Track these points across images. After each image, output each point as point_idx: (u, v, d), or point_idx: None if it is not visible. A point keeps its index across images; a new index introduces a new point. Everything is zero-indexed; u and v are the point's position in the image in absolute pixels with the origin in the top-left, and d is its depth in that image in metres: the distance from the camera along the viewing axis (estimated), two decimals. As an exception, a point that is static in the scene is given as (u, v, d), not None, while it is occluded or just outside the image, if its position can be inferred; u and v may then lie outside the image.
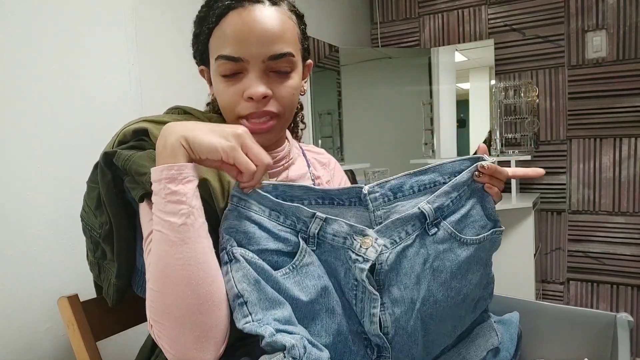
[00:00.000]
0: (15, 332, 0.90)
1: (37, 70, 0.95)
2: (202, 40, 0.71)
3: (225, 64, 0.67)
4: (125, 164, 0.63)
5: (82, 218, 0.74)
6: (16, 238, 0.91)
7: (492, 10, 2.37)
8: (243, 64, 0.67)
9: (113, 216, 0.67)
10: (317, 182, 0.86)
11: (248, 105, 0.68)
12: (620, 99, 2.12)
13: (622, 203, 2.17)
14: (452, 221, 0.66)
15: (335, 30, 2.30)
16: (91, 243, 0.74)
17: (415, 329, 0.62)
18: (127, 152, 0.65)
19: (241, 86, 0.68)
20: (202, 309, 0.54)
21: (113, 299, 0.73)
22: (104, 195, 0.67)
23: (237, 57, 0.66)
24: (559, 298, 2.35)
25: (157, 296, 0.55)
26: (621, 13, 2.09)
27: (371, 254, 0.60)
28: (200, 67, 0.76)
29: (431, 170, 0.67)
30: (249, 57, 0.66)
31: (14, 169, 0.90)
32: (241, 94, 0.67)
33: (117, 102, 1.12)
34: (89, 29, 1.06)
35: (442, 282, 0.64)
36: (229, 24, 0.67)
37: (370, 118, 2.43)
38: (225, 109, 0.70)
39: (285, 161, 0.79)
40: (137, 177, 0.62)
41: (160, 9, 1.26)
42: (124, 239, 0.69)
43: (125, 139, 0.68)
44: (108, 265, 0.72)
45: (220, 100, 0.71)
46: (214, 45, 0.69)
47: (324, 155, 0.94)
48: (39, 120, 0.95)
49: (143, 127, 0.67)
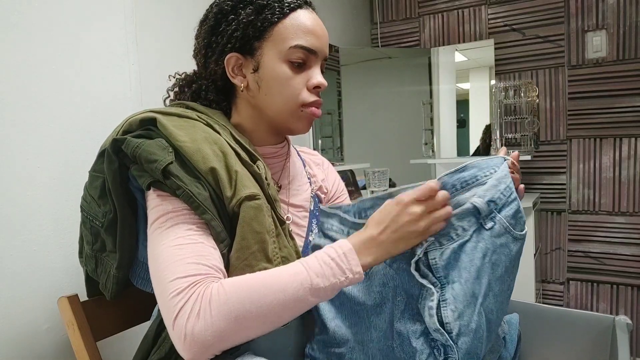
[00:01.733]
0: (15, 332, 0.90)
1: (37, 70, 0.95)
2: (260, 27, 0.73)
3: (300, 53, 0.73)
4: (135, 152, 0.64)
5: (82, 209, 0.73)
6: (16, 238, 0.91)
7: (492, 10, 2.37)
8: (313, 57, 0.74)
9: (118, 204, 0.68)
10: (313, 180, 0.89)
11: (312, 93, 0.75)
12: (620, 99, 2.12)
13: (622, 203, 2.17)
14: (506, 216, 0.66)
15: (335, 30, 2.30)
16: (90, 235, 0.74)
17: (480, 325, 0.62)
18: (136, 140, 0.66)
19: (305, 76, 0.75)
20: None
21: (112, 292, 0.74)
22: (110, 182, 0.67)
23: (313, 50, 0.74)
24: (559, 298, 2.35)
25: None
26: (621, 13, 2.09)
27: (417, 249, 0.64)
28: (232, 54, 0.75)
29: (470, 167, 0.68)
30: (320, 52, 0.75)
31: (13, 169, 0.90)
32: (304, 83, 0.74)
33: (117, 102, 1.12)
34: (89, 29, 1.06)
35: (499, 276, 0.65)
36: (305, 19, 0.74)
37: (370, 118, 2.43)
38: (289, 96, 0.74)
39: (285, 157, 0.83)
40: (146, 165, 0.64)
41: (160, 8, 1.26)
42: (128, 228, 0.69)
43: (131, 128, 0.69)
44: (107, 257, 0.73)
45: (281, 85, 0.73)
46: (284, 33, 0.72)
47: (318, 157, 0.98)
48: (38, 120, 0.95)
49: (151, 116, 0.68)
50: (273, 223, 0.69)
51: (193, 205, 0.62)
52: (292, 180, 0.83)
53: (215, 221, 0.63)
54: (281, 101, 0.74)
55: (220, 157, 0.67)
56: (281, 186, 0.81)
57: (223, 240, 0.64)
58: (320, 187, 0.90)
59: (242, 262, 0.64)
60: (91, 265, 0.76)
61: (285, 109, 0.74)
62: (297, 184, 0.84)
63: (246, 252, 0.64)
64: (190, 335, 0.54)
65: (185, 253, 0.60)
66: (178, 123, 0.69)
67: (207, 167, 0.64)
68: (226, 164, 0.66)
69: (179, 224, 0.63)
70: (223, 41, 0.75)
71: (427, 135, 2.48)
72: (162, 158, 0.63)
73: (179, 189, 0.62)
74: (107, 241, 0.71)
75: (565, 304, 2.33)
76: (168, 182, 0.63)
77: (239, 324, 0.56)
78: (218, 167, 0.64)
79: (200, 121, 0.71)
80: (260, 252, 0.65)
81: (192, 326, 0.55)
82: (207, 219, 0.63)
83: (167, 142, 0.66)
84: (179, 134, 0.66)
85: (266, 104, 0.75)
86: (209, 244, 0.63)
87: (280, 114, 0.75)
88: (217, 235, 0.64)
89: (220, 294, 0.56)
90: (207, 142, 0.67)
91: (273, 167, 0.81)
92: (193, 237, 0.62)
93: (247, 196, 0.65)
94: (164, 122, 0.67)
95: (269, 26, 0.72)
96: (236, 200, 0.64)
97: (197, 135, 0.67)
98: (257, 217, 0.65)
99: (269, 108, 0.75)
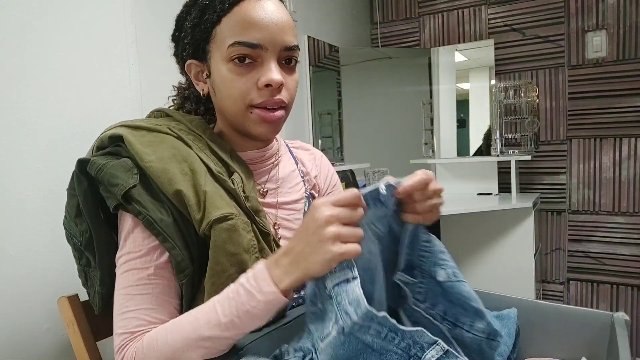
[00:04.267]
0: (15, 332, 0.90)
1: (37, 70, 0.95)
2: (204, 29, 0.68)
3: (241, 51, 0.65)
4: (98, 174, 0.64)
5: (64, 226, 0.72)
6: (16, 238, 0.91)
7: (492, 10, 2.37)
8: (260, 51, 0.66)
9: (92, 224, 0.67)
10: (307, 178, 0.86)
11: (262, 93, 0.67)
12: (620, 99, 2.12)
13: (622, 203, 2.17)
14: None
15: (335, 30, 2.30)
16: (75, 250, 0.73)
17: None
18: (100, 161, 0.65)
19: (256, 74, 0.66)
20: None
21: (98, 307, 0.73)
22: (81, 203, 0.66)
23: (256, 44, 0.65)
24: (558, 298, 2.35)
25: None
26: (621, 13, 2.09)
27: (329, 279, 0.53)
28: (190, 61, 0.72)
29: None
30: (268, 44, 0.66)
31: (13, 169, 0.90)
32: (254, 82, 0.66)
33: (117, 102, 1.12)
34: (89, 29, 1.06)
35: None
36: (246, 11, 0.65)
37: (370, 118, 2.43)
38: (235, 98, 0.67)
39: (274, 159, 0.79)
40: (109, 188, 0.63)
41: (160, 9, 1.26)
42: (105, 247, 0.68)
43: (102, 144, 0.68)
44: (93, 272, 0.72)
45: (227, 88, 0.67)
46: (224, 33, 0.66)
47: (310, 150, 0.93)
48: (38, 121, 0.95)
49: (118, 133, 0.67)
50: (254, 238, 0.66)
51: (154, 232, 0.62)
52: (283, 182, 0.80)
53: (175, 250, 0.61)
54: (230, 104, 0.68)
55: (189, 177, 0.64)
56: (267, 191, 0.77)
57: (183, 269, 0.62)
58: (314, 185, 0.87)
59: (219, 287, 0.61)
60: (82, 279, 0.76)
61: (235, 112, 0.69)
62: (289, 186, 0.81)
63: (222, 277, 0.62)
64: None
65: (130, 305, 0.63)
66: (147, 139, 0.66)
67: (173, 189, 0.61)
68: (194, 184, 0.63)
69: (133, 270, 0.64)
70: (180, 49, 0.73)
71: (427, 135, 2.48)
72: (123, 182, 0.62)
73: (139, 214, 0.62)
74: (89, 258, 0.71)
75: (565, 304, 2.33)
76: (130, 207, 0.62)
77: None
78: (184, 189, 0.62)
79: (171, 134, 0.68)
80: (238, 273, 0.61)
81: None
82: (167, 247, 0.62)
83: (132, 161, 0.64)
84: (145, 153, 0.64)
85: (222, 108, 0.71)
86: (157, 292, 0.64)
87: (234, 117, 0.70)
88: (177, 264, 0.62)
89: (138, 356, 0.61)
90: (174, 160, 0.64)
91: (260, 172, 0.77)
92: (144, 287, 0.63)
93: (217, 219, 0.61)
94: (131, 139, 0.65)
95: (211, 27, 0.67)
96: (206, 223, 0.61)
97: (164, 153, 0.64)
98: (230, 238, 0.62)
99: (226, 112, 0.71)
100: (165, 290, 0.64)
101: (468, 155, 2.42)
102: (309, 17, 2.06)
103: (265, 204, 0.75)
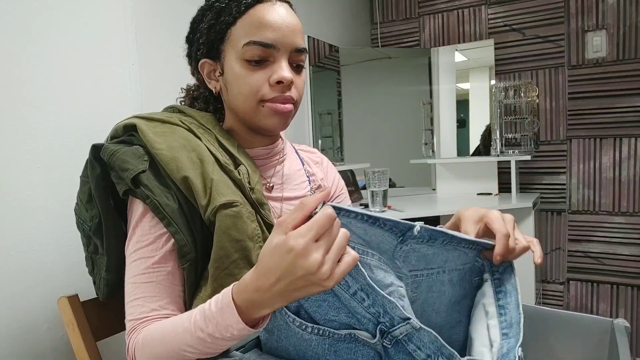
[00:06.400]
0: (15, 332, 0.90)
1: (37, 70, 0.95)
2: (219, 30, 0.73)
3: (255, 50, 0.70)
4: (110, 159, 0.67)
5: (75, 212, 0.77)
6: (16, 238, 0.91)
7: (492, 10, 2.37)
8: (273, 51, 0.70)
9: (102, 209, 0.70)
10: (312, 179, 0.88)
11: (274, 89, 0.71)
12: (620, 99, 2.12)
13: (622, 203, 2.17)
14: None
15: (335, 30, 2.30)
16: (84, 237, 0.77)
17: None
18: (113, 147, 0.68)
19: (268, 71, 0.71)
20: None
21: (103, 293, 0.76)
22: (93, 188, 0.70)
23: (270, 44, 0.70)
24: (558, 298, 2.35)
25: None
26: (621, 13, 2.09)
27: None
28: (203, 60, 0.76)
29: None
30: (280, 45, 0.70)
31: (13, 169, 0.90)
32: (266, 79, 0.71)
33: (117, 102, 1.12)
34: (89, 29, 1.06)
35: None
36: (260, 14, 0.70)
37: (370, 118, 2.43)
38: (247, 94, 0.71)
39: (279, 156, 0.83)
40: (120, 173, 0.66)
41: (160, 9, 1.26)
42: (113, 233, 0.71)
43: (117, 134, 0.72)
44: (100, 259, 0.75)
45: (240, 85, 0.72)
46: (239, 33, 0.71)
47: (317, 155, 0.97)
48: (38, 121, 0.95)
49: (132, 122, 0.70)
50: (259, 228, 0.68)
51: (159, 216, 0.64)
52: (289, 179, 0.83)
53: (179, 235, 0.64)
54: (242, 100, 0.73)
55: (197, 165, 0.67)
56: (273, 186, 0.80)
57: (186, 254, 0.65)
58: (319, 186, 0.90)
59: (223, 271, 0.64)
60: (89, 267, 0.79)
61: (246, 107, 0.73)
62: (294, 183, 0.83)
63: (226, 262, 0.64)
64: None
65: (137, 293, 0.66)
66: (159, 129, 0.70)
67: (181, 176, 0.64)
68: (202, 172, 0.66)
69: (140, 259, 0.66)
70: (194, 49, 0.77)
71: (427, 135, 2.48)
72: (133, 167, 0.65)
73: (147, 198, 0.65)
74: (97, 244, 0.74)
75: (565, 304, 2.33)
76: (138, 191, 0.65)
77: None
78: (192, 176, 0.65)
79: (183, 126, 0.72)
80: (243, 259, 0.65)
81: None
82: (171, 232, 0.64)
83: (144, 149, 0.68)
84: (156, 141, 0.67)
85: (234, 105, 0.75)
86: (161, 280, 0.66)
87: (245, 113, 0.74)
88: (180, 249, 0.65)
89: (137, 345, 0.63)
90: (184, 149, 0.68)
91: (266, 168, 0.80)
92: (149, 275, 0.66)
93: (222, 204, 0.64)
94: (144, 128, 0.68)
95: (226, 28, 0.72)
96: (211, 209, 0.64)
97: (175, 142, 0.68)
98: (235, 224, 0.65)
99: (237, 108, 0.75)
100: (170, 278, 0.67)
101: (468, 155, 2.42)
102: (309, 17, 2.06)
103: (270, 198, 0.78)
